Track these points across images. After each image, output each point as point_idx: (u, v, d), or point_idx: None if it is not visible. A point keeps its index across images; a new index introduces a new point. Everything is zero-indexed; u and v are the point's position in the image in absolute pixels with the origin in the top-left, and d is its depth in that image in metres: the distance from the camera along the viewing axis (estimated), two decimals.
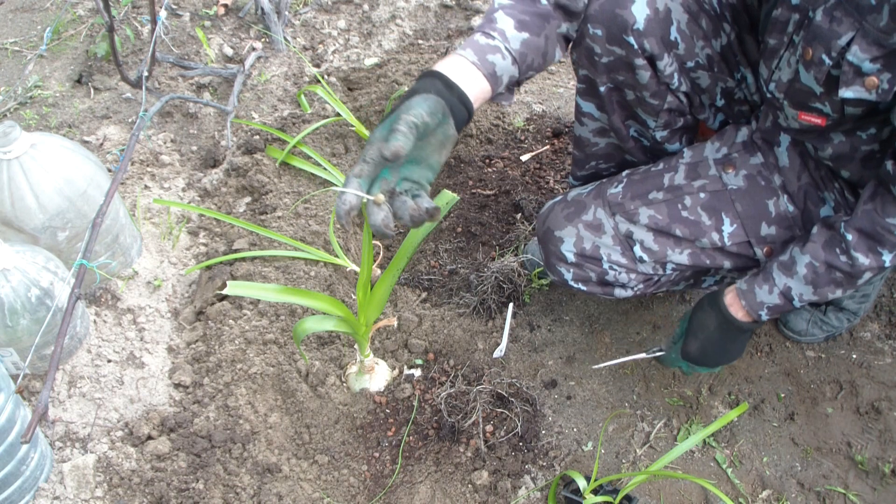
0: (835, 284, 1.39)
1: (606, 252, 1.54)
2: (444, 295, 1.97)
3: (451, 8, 2.83)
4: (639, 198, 1.53)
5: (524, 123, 2.38)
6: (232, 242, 2.00)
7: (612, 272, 1.55)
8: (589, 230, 1.55)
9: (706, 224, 1.49)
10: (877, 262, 1.34)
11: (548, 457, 1.66)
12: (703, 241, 1.50)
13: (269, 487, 1.56)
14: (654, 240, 1.52)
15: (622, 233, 1.53)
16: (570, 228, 1.56)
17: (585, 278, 1.58)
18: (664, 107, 1.52)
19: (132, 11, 2.65)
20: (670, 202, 1.51)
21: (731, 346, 1.54)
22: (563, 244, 1.57)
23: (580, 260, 1.56)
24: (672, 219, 1.50)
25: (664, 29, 1.42)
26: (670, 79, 1.47)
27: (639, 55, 1.43)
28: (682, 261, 1.52)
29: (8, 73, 2.49)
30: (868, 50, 1.18)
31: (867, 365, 1.79)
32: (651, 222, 1.51)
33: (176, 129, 2.37)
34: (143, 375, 1.77)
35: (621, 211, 1.54)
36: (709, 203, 1.49)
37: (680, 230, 1.50)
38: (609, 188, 1.58)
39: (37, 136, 1.69)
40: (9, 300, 1.54)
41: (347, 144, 2.31)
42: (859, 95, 1.22)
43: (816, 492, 1.62)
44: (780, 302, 1.45)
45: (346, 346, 1.85)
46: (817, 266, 1.39)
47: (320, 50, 2.64)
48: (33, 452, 1.49)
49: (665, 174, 1.55)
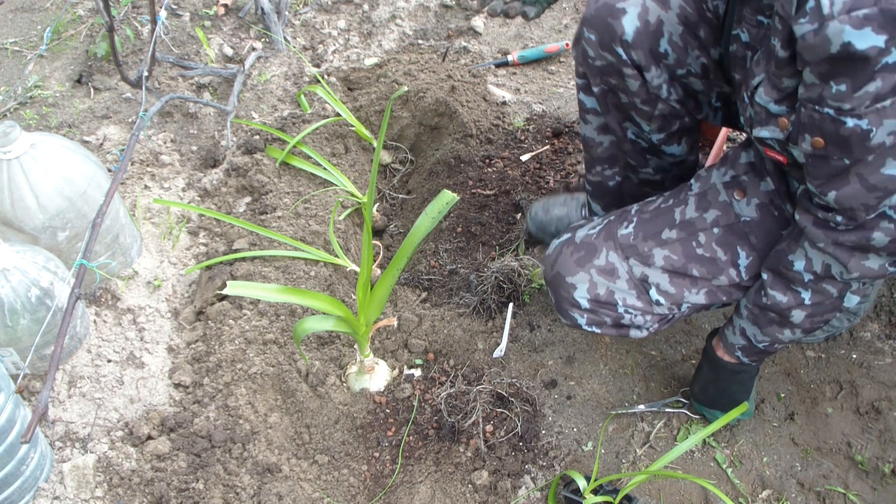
0: (777, 325, 1.42)
1: (622, 297, 1.49)
2: (444, 295, 1.97)
3: (451, 8, 2.83)
4: (652, 238, 1.49)
5: (524, 123, 2.38)
6: (232, 242, 2.00)
7: (627, 315, 1.51)
8: (602, 275, 1.50)
9: (722, 260, 1.45)
10: (795, 299, 1.37)
11: (548, 457, 1.66)
12: (721, 278, 1.46)
13: (269, 487, 1.56)
14: (671, 281, 1.48)
15: (637, 276, 1.49)
16: (582, 274, 1.51)
17: (600, 322, 1.54)
18: (656, 113, 1.52)
19: (132, 11, 2.65)
20: (684, 240, 1.47)
21: (730, 388, 1.60)
22: (577, 291, 1.51)
23: (594, 306, 1.52)
24: (688, 258, 1.46)
25: (653, 42, 1.41)
26: (658, 90, 1.47)
27: (628, 65, 1.44)
28: (698, 301, 1.49)
29: (8, 73, 2.49)
30: (770, 93, 1.21)
31: (867, 365, 1.79)
32: (667, 264, 1.47)
33: (176, 129, 2.37)
34: (143, 375, 1.77)
35: (635, 254, 1.49)
36: (723, 238, 1.45)
37: (697, 270, 1.46)
38: (619, 228, 1.53)
39: (37, 136, 1.69)
40: (9, 300, 1.54)
41: (347, 144, 2.31)
42: (774, 135, 1.25)
43: (816, 492, 1.62)
44: (745, 343, 1.50)
45: (346, 346, 1.85)
46: (751, 307, 1.45)
47: (320, 50, 2.64)
48: (33, 452, 1.49)
49: (675, 209, 1.50)
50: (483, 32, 2.74)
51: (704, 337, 1.86)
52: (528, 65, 2.63)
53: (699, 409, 1.70)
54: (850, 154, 1.12)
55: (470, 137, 2.30)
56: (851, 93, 1.05)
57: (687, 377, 1.79)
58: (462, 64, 2.57)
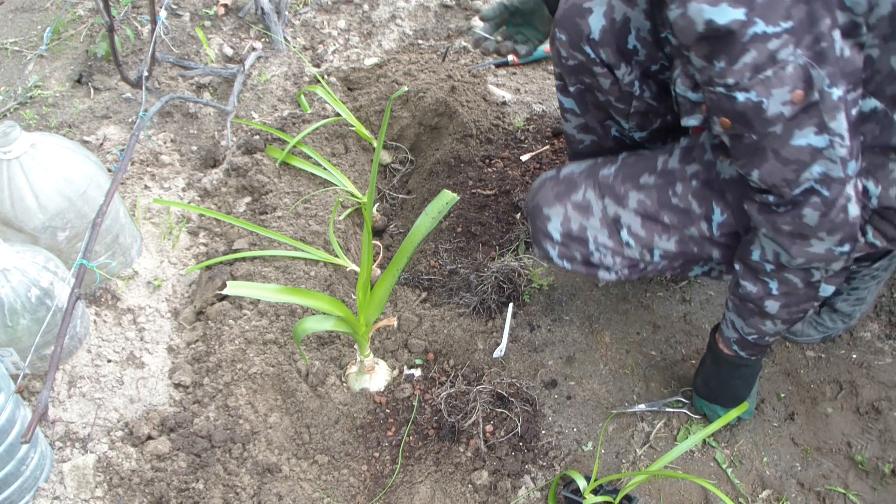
0: (758, 316, 1.44)
1: (593, 234, 1.53)
2: (444, 295, 1.97)
3: (451, 8, 2.83)
4: (630, 180, 1.52)
5: (524, 123, 2.38)
6: (232, 242, 2.00)
7: (597, 254, 1.55)
8: (577, 211, 1.54)
9: (696, 213, 1.48)
10: (764, 289, 1.39)
11: (548, 457, 1.66)
12: (692, 229, 1.49)
13: (269, 487, 1.56)
14: (642, 225, 1.51)
15: (610, 216, 1.52)
16: (558, 207, 1.56)
17: (570, 257, 1.58)
18: (631, 111, 1.54)
19: (132, 11, 2.65)
20: (661, 187, 1.49)
21: (731, 382, 1.60)
22: (551, 222, 1.56)
23: (566, 240, 1.56)
24: (661, 205, 1.49)
25: (620, 39, 1.43)
26: (630, 86, 1.50)
27: (597, 63, 1.46)
28: (669, 248, 1.51)
29: (8, 73, 2.49)
30: (685, 81, 1.28)
31: (867, 365, 1.79)
32: (640, 207, 1.50)
33: (176, 129, 2.37)
34: (143, 375, 1.77)
35: (610, 193, 1.52)
36: (700, 191, 1.47)
37: (668, 217, 1.49)
38: (603, 168, 1.56)
39: (37, 136, 1.69)
40: (9, 300, 1.54)
41: (347, 144, 2.31)
42: (700, 123, 1.31)
43: (816, 492, 1.62)
44: (737, 336, 1.52)
45: (346, 346, 1.85)
46: (733, 297, 1.47)
47: (320, 50, 2.64)
48: (33, 452, 1.49)
49: (659, 157, 1.53)
50: None
51: (704, 337, 1.87)
52: (528, 65, 2.63)
53: (700, 405, 1.70)
54: (753, 128, 1.16)
55: (470, 137, 2.30)
56: (731, 66, 1.10)
57: (687, 377, 1.79)
58: (462, 64, 2.57)
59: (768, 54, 1.08)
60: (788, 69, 1.09)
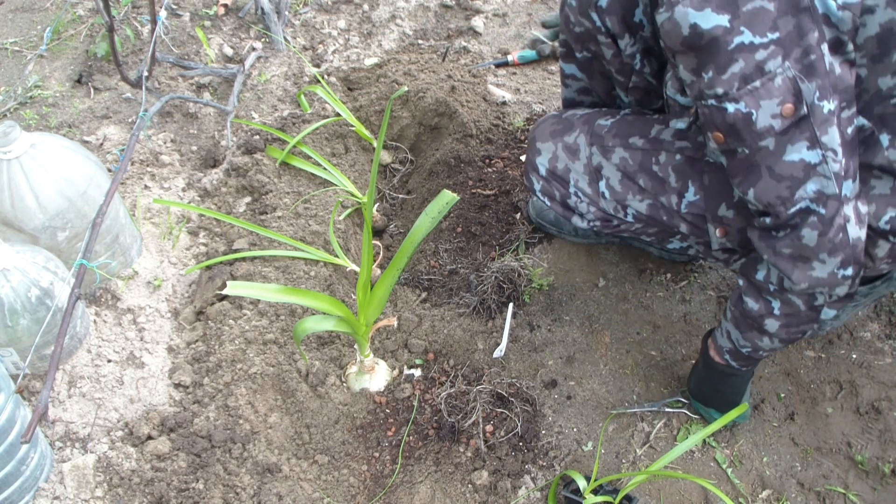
0: (756, 332, 1.44)
1: (575, 177, 1.59)
2: (444, 295, 1.97)
3: (451, 8, 2.83)
4: (620, 137, 1.55)
5: (524, 123, 2.38)
6: (232, 242, 2.00)
7: (575, 198, 1.60)
8: (566, 152, 1.60)
9: (671, 185, 1.50)
10: (766, 308, 1.39)
11: (548, 457, 1.66)
12: (663, 199, 1.52)
13: (269, 487, 1.56)
14: (620, 181, 1.55)
15: (593, 164, 1.57)
16: (550, 144, 1.62)
17: (551, 195, 1.65)
18: (630, 85, 1.58)
19: (132, 11, 2.65)
20: (646, 152, 1.52)
21: (722, 389, 1.61)
22: (540, 157, 1.63)
23: (550, 176, 1.62)
24: (641, 168, 1.52)
25: (627, 10, 1.46)
26: (631, 59, 1.52)
27: (602, 32, 1.49)
28: (640, 209, 1.54)
29: (8, 73, 2.49)
30: (675, 84, 1.29)
31: (867, 365, 1.79)
32: (621, 164, 1.54)
33: (176, 129, 2.37)
34: (143, 375, 1.77)
35: (599, 143, 1.57)
36: (681, 167, 1.49)
37: (643, 181, 1.52)
38: (601, 118, 1.60)
39: (37, 136, 1.69)
40: (9, 300, 1.54)
41: (347, 144, 2.31)
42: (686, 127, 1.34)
43: (816, 492, 1.62)
44: (731, 346, 1.52)
45: (346, 346, 1.85)
46: (733, 309, 1.48)
47: (320, 50, 2.64)
48: (33, 452, 1.49)
49: (655, 125, 1.54)
50: (483, 32, 2.74)
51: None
52: (528, 65, 2.63)
53: (696, 406, 1.70)
54: (744, 142, 1.17)
55: (470, 137, 2.30)
56: (719, 75, 1.12)
57: (687, 377, 1.79)
58: (462, 64, 2.57)
59: (755, 65, 1.09)
60: (777, 81, 1.10)
